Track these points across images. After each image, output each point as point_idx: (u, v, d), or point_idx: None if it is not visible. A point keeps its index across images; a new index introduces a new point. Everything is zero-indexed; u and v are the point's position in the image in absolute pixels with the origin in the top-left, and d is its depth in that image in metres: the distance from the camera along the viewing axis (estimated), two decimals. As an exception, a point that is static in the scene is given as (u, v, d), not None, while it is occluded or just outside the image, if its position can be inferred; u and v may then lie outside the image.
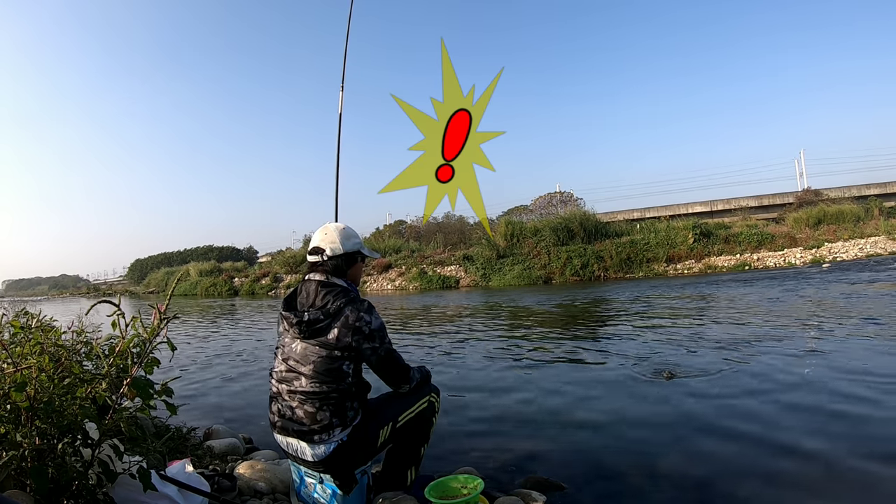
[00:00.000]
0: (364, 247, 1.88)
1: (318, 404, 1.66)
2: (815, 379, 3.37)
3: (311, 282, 1.79)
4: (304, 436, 1.68)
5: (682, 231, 18.09)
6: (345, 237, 1.82)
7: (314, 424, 1.66)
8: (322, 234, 1.84)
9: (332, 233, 1.82)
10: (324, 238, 1.82)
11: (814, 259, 15.75)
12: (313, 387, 1.66)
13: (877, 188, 27.27)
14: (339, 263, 1.80)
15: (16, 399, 1.29)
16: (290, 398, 1.69)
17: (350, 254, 1.82)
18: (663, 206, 30.95)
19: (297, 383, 1.69)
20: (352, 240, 1.83)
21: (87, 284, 68.32)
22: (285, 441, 1.74)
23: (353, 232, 1.87)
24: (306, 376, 1.67)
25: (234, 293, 26.87)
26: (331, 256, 1.79)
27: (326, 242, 1.80)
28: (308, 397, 1.67)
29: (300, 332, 1.69)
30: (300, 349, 1.70)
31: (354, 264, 1.85)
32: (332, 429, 1.67)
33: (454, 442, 2.66)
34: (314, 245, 1.82)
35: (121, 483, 1.43)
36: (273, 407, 1.76)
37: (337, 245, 1.79)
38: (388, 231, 31.83)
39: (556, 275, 17.90)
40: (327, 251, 1.79)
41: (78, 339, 1.80)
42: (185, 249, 55.71)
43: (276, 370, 1.77)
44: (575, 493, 2.09)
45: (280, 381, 1.74)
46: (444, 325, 8.04)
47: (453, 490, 1.82)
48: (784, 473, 2.10)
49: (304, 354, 1.69)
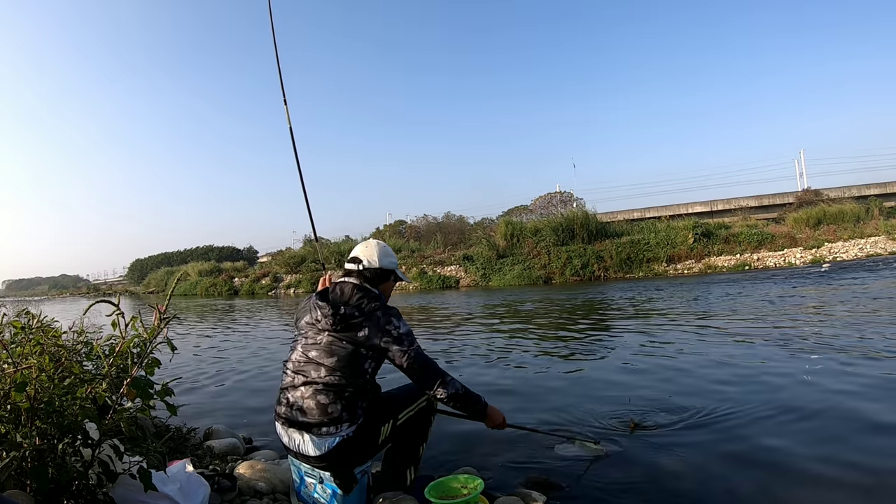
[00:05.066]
0: (399, 268, 1.99)
1: (333, 396, 1.70)
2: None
3: (348, 283, 1.87)
4: (311, 428, 1.69)
5: (682, 231, 18.10)
6: (383, 254, 1.93)
7: (324, 416, 1.69)
8: (364, 246, 1.96)
9: (372, 247, 1.94)
10: (364, 251, 1.94)
11: (814, 259, 15.75)
12: (332, 378, 1.71)
13: (877, 188, 27.25)
14: (373, 276, 1.90)
15: (16, 399, 1.29)
16: (305, 388, 1.72)
17: (385, 270, 1.92)
18: (663, 206, 30.93)
19: (315, 374, 1.72)
20: (389, 258, 1.95)
21: (87, 284, 68.35)
22: (288, 434, 1.76)
23: (391, 252, 1.98)
24: (327, 367, 1.71)
25: (233, 293, 26.86)
26: (367, 268, 1.89)
27: (366, 255, 1.92)
28: (324, 388, 1.70)
29: (333, 325, 1.74)
30: (326, 341, 1.75)
31: (386, 281, 1.95)
32: (341, 423, 1.70)
33: (454, 442, 2.66)
34: (354, 255, 1.94)
35: (121, 483, 1.43)
36: (282, 397, 1.79)
37: (375, 259, 1.90)
38: (388, 231, 31.84)
39: (556, 275, 17.90)
40: (364, 262, 1.90)
41: (78, 339, 1.80)
42: (185, 249, 55.78)
43: (294, 360, 1.80)
44: (575, 493, 2.09)
45: (297, 371, 1.77)
46: (444, 325, 8.04)
47: (453, 490, 1.82)
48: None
49: (329, 347, 1.74)
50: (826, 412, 2.79)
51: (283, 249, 34.20)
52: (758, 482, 2.07)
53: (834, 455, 2.25)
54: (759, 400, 3.05)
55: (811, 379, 3.42)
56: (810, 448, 2.34)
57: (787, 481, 2.06)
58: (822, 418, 2.71)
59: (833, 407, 2.85)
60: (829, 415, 2.75)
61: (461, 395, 1.80)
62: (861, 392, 3.05)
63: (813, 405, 2.90)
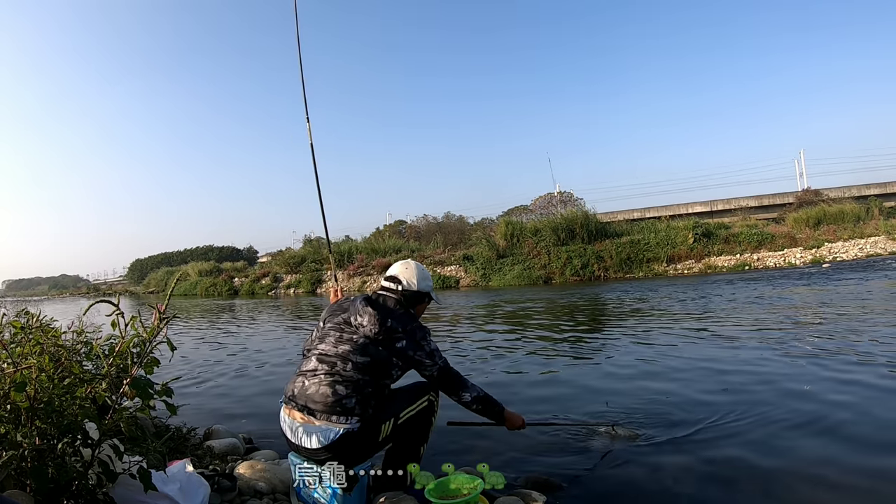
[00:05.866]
0: (433, 290, 2.09)
1: (351, 390, 1.75)
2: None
3: (391, 298, 1.97)
4: (317, 414, 1.72)
5: (682, 231, 18.09)
6: (422, 277, 2.02)
7: (337, 405, 1.72)
8: (403, 267, 2.05)
9: (412, 269, 2.03)
10: (404, 272, 2.02)
11: (814, 259, 15.75)
12: (357, 375, 1.77)
13: (877, 188, 27.26)
14: (410, 297, 1.99)
15: (16, 399, 1.29)
16: (325, 377, 1.76)
17: (421, 293, 2.02)
18: (663, 206, 30.93)
19: (342, 366, 1.77)
20: (426, 281, 2.05)
21: (87, 284, 68.30)
22: (291, 422, 1.78)
23: (428, 275, 2.08)
24: (355, 364, 1.77)
25: (234, 293, 26.84)
26: (405, 289, 1.98)
27: (405, 276, 2.01)
28: (345, 380, 1.75)
29: (377, 333, 1.82)
30: (362, 342, 1.81)
31: (421, 303, 2.05)
32: (351, 415, 1.73)
33: (454, 442, 2.66)
34: (393, 274, 2.03)
35: (121, 483, 1.43)
36: (297, 381, 1.83)
37: (413, 281, 2.00)
38: (388, 231, 31.83)
39: (556, 275, 17.89)
40: (404, 283, 1.99)
41: (78, 339, 1.80)
42: (185, 249, 55.71)
43: (322, 349, 1.84)
44: (575, 493, 2.09)
45: (321, 360, 1.81)
46: (445, 325, 8.04)
47: (453, 490, 1.82)
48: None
49: (364, 348, 1.81)
50: (826, 426, 2.59)
51: (283, 249, 34.19)
52: (757, 485, 2.07)
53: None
54: (757, 409, 3.02)
55: (809, 388, 3.41)
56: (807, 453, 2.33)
57: (791, 480, 2.07)
58: (818, 432, 2.52)
59: (834, 419, 2.66)
60: (827, 429, 2.55)
61: (482, 398, 1.94)
62: (857, 403, 2.99)
63: (809, 416, 2.73)
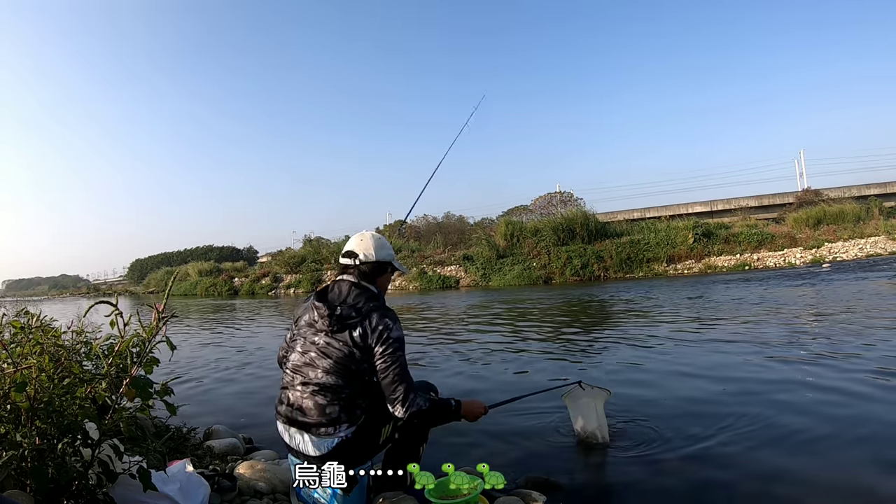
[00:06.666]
0: (395, 259, 1.94)
1: (330, 397, 1.69)
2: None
3: (345, 281, 1.83)
4: (310, 428, 1.69)
5: (682, 231, 18.09)
6: (379, 246, 1.88)
7: (322, 417, 1.68)
8: (358, 239, 1.90)
9: (367, 240, 1.89)
10: (359, 244, 1.88)
11: (814, 259, 15.75)
12: (329, 380, 1.69)
13: (877, 188, 27.27)
14: (370, 270, 1.85)
15: (16, 399, 1.29)
16: (303, 389, 1.71)
17: (381, 263, 1.87)
18: (663, 206, 30.94)
19: (312, 374, 1.71)
20: (385, 250, 1.89)
21: (87, 284, 68.25)
22: (288, 433, 1.76)
23: (387, 243, 1.93)
24: (324, 369, 1.70)
25: (233, 293, 26.83)
26: (363, 262, 1.84)
27: (361, 248, 1.86)
28: (321, 389, 1.69)
29: (329, 325, 1.72)
30: (323, 342, 1.73)
31: (384, 273, 1.90)
32: (339, 424, 1.69)
33: (454, 442, 2.66)
34: (349, 249, 1.88)
35: (121, 483, 1.43)
36: (283, 396, 1.78)
37: (371, 252, 1.85)
38: (388, 231, 31.81)
39: (556, 275, 17.89)
40: (361, 256, 1.84)
41: (78, 339, 1.80)
42: (185, 249, 55.69)
43: (293, 360, 1.79)
44: (575, 493, 2.09)
45: (295, 371, 1.76)
46: (445, 325, 8.04)
47: (453, 490, 1.81)
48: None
49: (326, 348, 1.72)
50: (825, 436, 2.47)
51: (283, 249, 34.17)
52: (755, 489, 2.07)
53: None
54: (755, 413, 3.02)
55: (809, 390, 3.41)
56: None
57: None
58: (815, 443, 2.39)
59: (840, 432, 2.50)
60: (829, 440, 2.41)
61: (425, 411, 1.73)
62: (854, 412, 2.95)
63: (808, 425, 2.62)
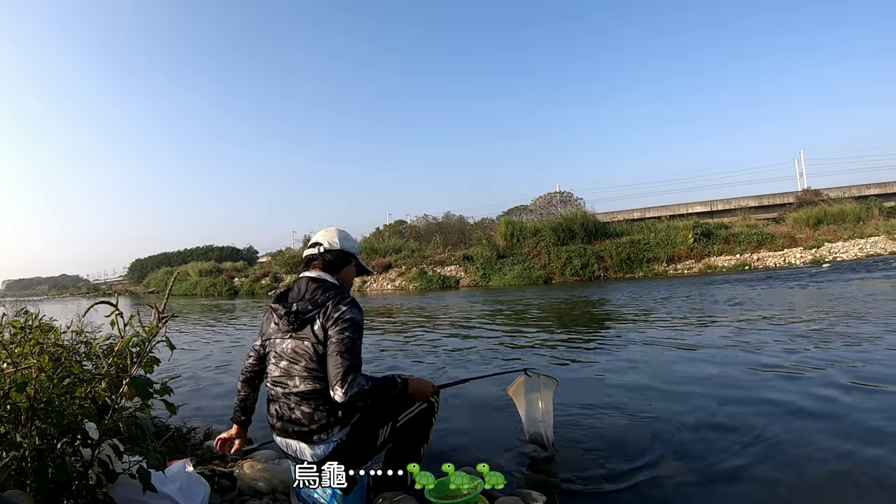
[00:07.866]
0: (360, 256, 1.95)
1: (315, 404, 1.66)
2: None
3: (304, 279, 1.83)
4: (304, 436, 1.67)
5: (682, 231, 18.10)
6: (343, 237, 1.90)
7: (312, 424, 1.66)
8: (324, 231, 1.93)
9: (332, 231, 1.91)
10: (324, 235, 1.90)
11: (814, 259, 15.75)
12: (307, 386, 1.65)
13: (877, 188, 27.26)
14: (334, 259, 1.85)
15: (16, 399, 1.29)
16: (287, 399, 1.69)
17: (345, 252, 1.87)
18: (663, 206, 30.94)
19: (291, 384, 1.68)
20: (349, 241, 1.91)
21: (87, 284, 68.33)
22: (285, 442, 1.74)
23: (352, 237, 1.95)
24: (300, 376, 1.67)
25: (234, 293, 26.85)
26: (327, 250, 1.85)
27: (326, 238, 1.88)
28: (304, 397, 1.66)
29: (289, 324, 1.70)
30: (290, 347, 1.69)
31: (348, 265, 1.89)
32: (331, 428, 1.67)
33: (454, 442, 2.66)
34: (314, 240, 1.90)
35: (121, 483, 1.43)
36: (271, 409, 1.76)
37: (335, 241, 1.87)
38: (388, 231, 31.83)
39: (556, 275, 17.89)
40: (325, 244, 1.86)
41: (78, 339, 1.80)
42: (185, 249, 55.79)
43: (270, 372, 1.76)
44: (575, 493, 2.09)
45: (275, 383, 1.73)
46: (445, 325, 8.04)
47: (453, 490, 1.81)
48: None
49: (294, 353, 1.68)
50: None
51: (283, 249, 34.24)
52: (759, 495, 2.07)
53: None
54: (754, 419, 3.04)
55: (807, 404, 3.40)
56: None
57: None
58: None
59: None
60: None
61: (367, 391, 1.57)
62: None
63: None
